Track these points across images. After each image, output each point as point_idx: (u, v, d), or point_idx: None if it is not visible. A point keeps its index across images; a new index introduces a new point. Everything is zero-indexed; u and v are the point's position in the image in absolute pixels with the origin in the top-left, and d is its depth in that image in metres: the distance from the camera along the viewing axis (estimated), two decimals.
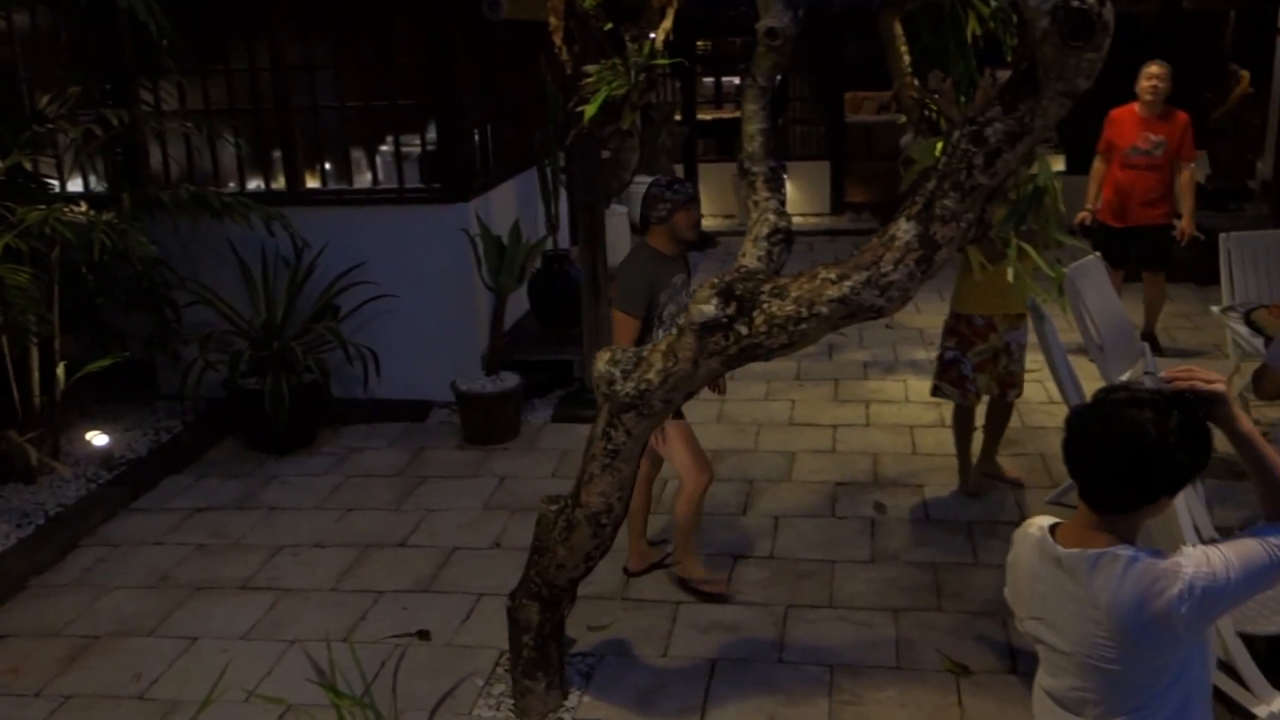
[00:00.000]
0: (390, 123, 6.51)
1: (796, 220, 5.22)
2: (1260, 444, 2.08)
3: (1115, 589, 2.03)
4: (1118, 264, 6.55)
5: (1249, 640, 3.47)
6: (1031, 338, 4.92)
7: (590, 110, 3.10)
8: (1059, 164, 10.74)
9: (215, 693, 3.19)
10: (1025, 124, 2.67)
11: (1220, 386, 2.05)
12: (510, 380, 6.06)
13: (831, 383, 6.77)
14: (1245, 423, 2.08)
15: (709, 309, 2.91)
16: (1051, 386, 5.50)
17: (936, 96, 3.60)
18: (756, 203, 3.10)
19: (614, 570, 4.56)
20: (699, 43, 11.85)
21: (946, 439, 5.78)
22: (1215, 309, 5.51)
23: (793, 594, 4.39)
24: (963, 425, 5.17)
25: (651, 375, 3.08)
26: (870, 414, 6.23)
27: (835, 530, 4.92)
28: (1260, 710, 3.23)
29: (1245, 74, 9.84)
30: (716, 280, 2.97)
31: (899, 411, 6.27)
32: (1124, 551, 2.05)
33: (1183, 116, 6.58)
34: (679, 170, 10.86)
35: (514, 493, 5.38)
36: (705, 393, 3.84)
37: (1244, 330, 5.08)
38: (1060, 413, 5.63)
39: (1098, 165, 6.81)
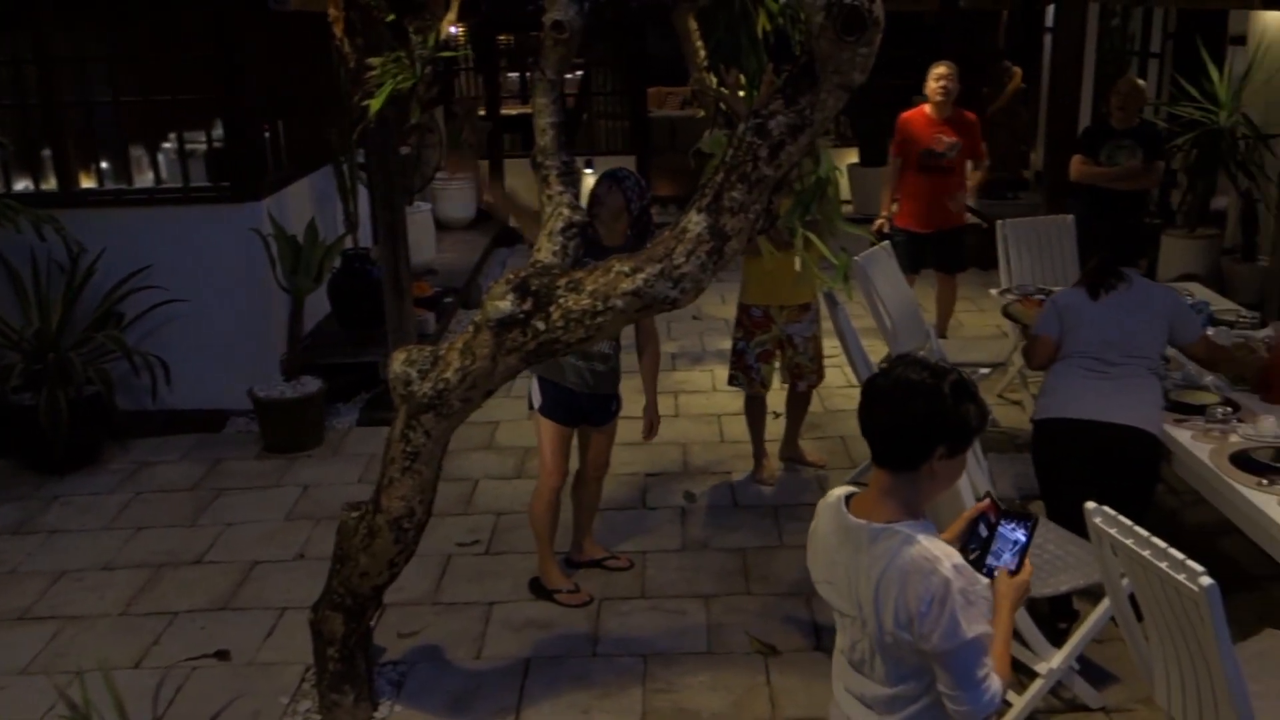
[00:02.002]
0: (173, 118, 6.17)
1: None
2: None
3: (886, 564, 2.08)
4: (915, 268, 6.58)
5: (1031, 602, 3.69)
6: (829, 325, 5.09)
7: (376, 104, 3.01)
8: (853, 157, 11.18)
9: None
10: (806, 116, 2.74)
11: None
12: (311, 385, 5.85)
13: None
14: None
15: (505, 305, 2.87)
16: (850, 371, 5.70)
17: (724, 91, 3.65)
18: (550, 197, 3.08)
19: (424, 575, 4.47)
20: (500, 37, 11.76)
21: None
22: (994, 292, 5.83)
23: (606, 586, 4.41)
24: (753, 413, 5.32)
25: (449, 374, 3.02)
26: (679, 404, 6.32)
27: (647, 521, 4.97)
28: (1041, 667, 3.43)
29: (1018, 70, 10.47)
30: (512, 276, 2.93)
31: (707, 401, 6.39)
32: (905, 529, 2.11)
33: (972, 117, 6.68)
34: (484, 166, 10.75)
35: (318, 501, 5.20)
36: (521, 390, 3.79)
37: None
38: (856, 396, 5.86)
39: (890, 170, 6.76)
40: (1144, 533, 2.68)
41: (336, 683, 3.51)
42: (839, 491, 2.31)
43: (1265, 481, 3.35)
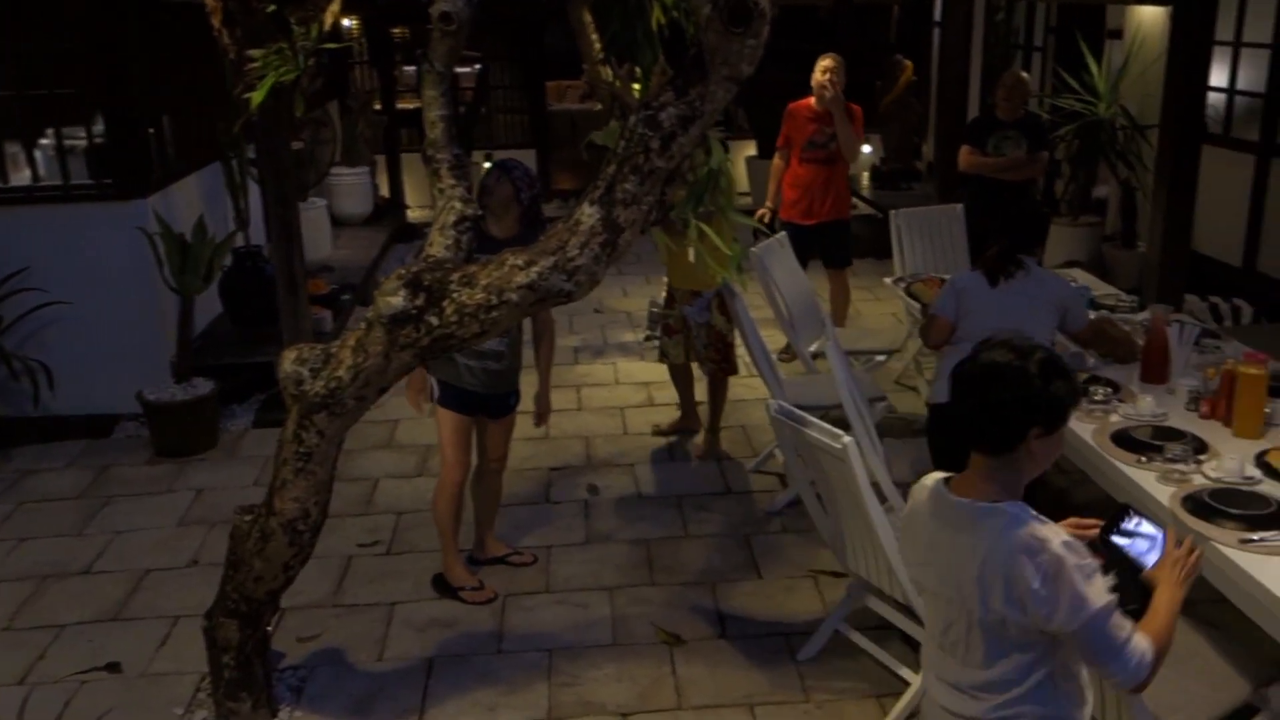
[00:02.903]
0: (51, 113, 5.93)
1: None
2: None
3: (993, 543, 2.08)
4: (802, 260, 6.40)
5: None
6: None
7: (257, 97, 2.93)
8: (751, 149, 11.29)
9: None
10: (696, 108, 2.75)
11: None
12: (203, 387, 5.69)
13: None
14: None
15: (396, 301, 2.83)
16: (748, 361, 5.76)
17: (617, 84, 3.66)
18: (442, 190, 3.05)
19: (323, 578, 4.39)
20: (395, 30, 11.58)
21: (656, 417, 5.96)
22: (888, 280, 5.95)
23: (510, 582, 4.38)
24: (675, 379, 5.69)
25: (342, 373, 2.97)
26: (582, 398, 6.32)
27: (550, 515, 4.95)
28: None
29: (909, 64, 10.70)
30: (404, 271, 2.89)
31: (609, 394, 6.39)
32: (1010, 509, 2.10)
33: (856, 109, 6.62)
34: (379, 161, 10.58)
35: (213, 505, 5.07)
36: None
37: (911, 299, 5.50)
38: (758, 386, 5.95)
39: (777, 161, 6.77)
40: None
41: (233, 690, 3.42)
42: (937, 475, 2.29)
43: (1144, 458, 3.48)
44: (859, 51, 6.65)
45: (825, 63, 6.46)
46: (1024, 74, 7.02)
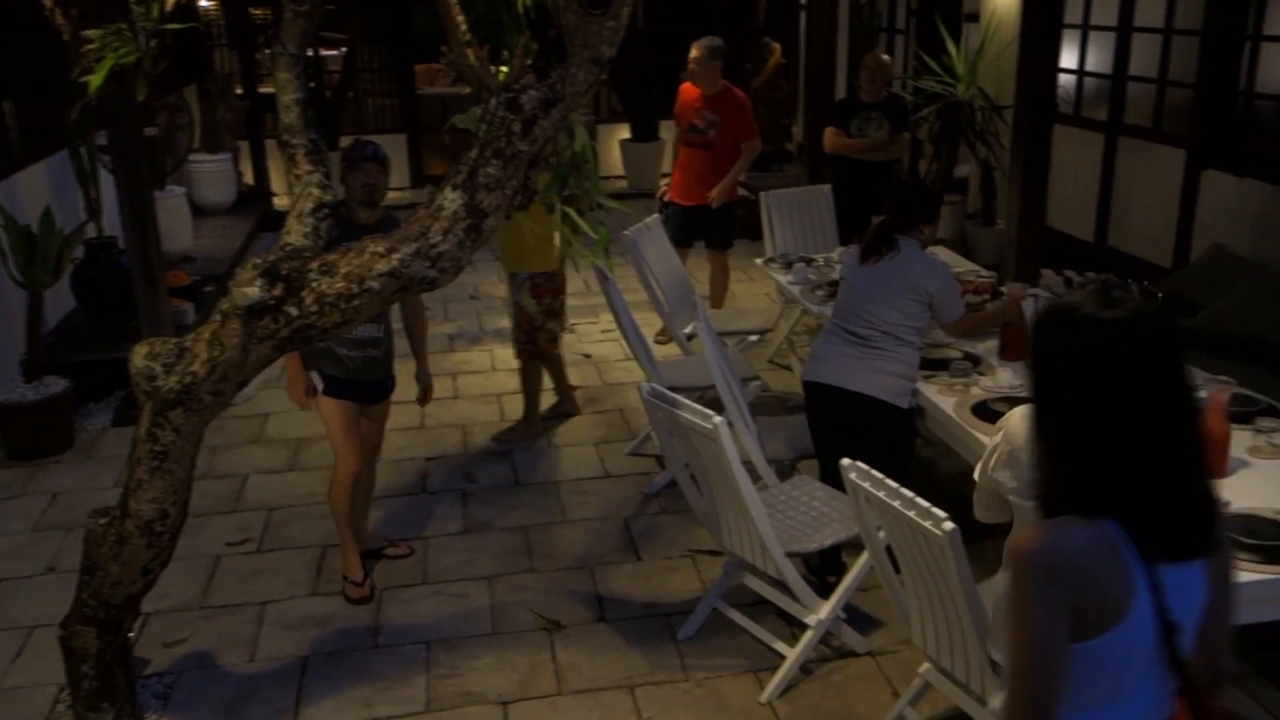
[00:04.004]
0: None
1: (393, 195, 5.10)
2: None
3: None
4: (686, 242, 6.60)
5: (803, 557, 3.86)
6: (600, 299, 5.14)
7: (95, 81, 2.79)
8: (625, 133, 11.30)
9: None
10: (558, 90, 2.73)
11: None
12: (56, 385, 5.44)
13: None
14: None
15: (253, 291, 2.74)
16: (626, 345, 5.77)
17: (475, 66, 3.60)
18: (299, 177, 2.96)
19: (190, 580, 4.25)
20: (255, 11, 11.21)
21: None
22: (759, 261, 6.02)
23: (387, 576, 4.31)
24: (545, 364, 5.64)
25: (197, 367, 2.86)
26: (458, 386, 6.24)
27: (427, 506, 4.88)
28: (810, 619, 3.59)
29: (778, 46, 10.83)
30: (260, 261, 2.80)
31: (486, 381, 6.33)
32: None
33: (740, 95, 6.62)
34: (243, 147, 10.25)
35: (70, 509, 4.85)
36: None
37: (782, 279, 5.58)
38: (634, 369, 5.97)
39: (675, 140, 6.77)
40: (894, 485, 2.83)
41: (93, 700, 3.29)
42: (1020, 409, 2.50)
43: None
44: (728, 35, 6.67)
45: (693, 48, 6.46)
46: (886, 56, 7.18)
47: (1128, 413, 1.57)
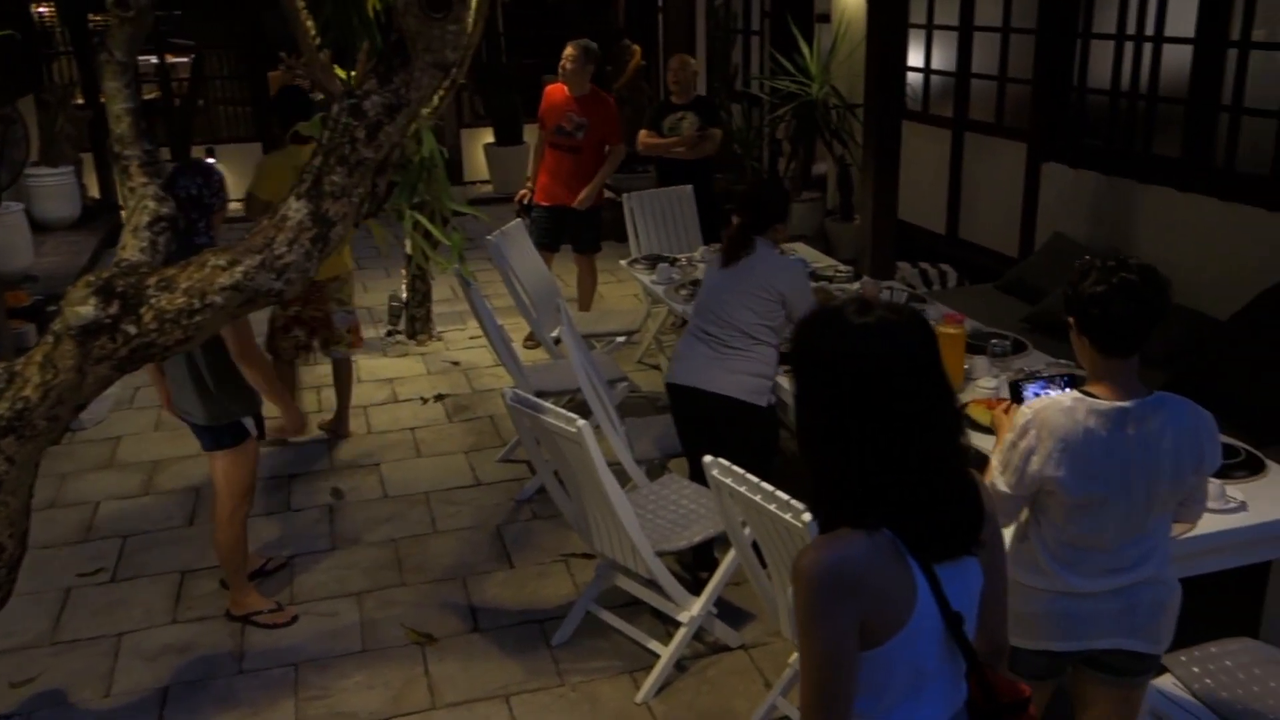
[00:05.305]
0: None
1: (234, 207, 4.92)
2: None
3: (1180, 423, 2.32)
4: (552, 245, 6.55)
5: (676, 555, 3.88)
6: (464, 306, 5.08)
7: None
8: (488, 136, 11.21)
9: None
10: (401, 96, 2.68)
11: None
12: None
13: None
14: None
15: (86, 310, 2.62)
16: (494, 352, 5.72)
17: (318, 72, 3.52)
18: (134, 190, 2.84)
19: (38, 615, 4.04)
20: (95, 18, 10.73)
21: (400, 416, 5.85)
22: (624, 262, 6.05)
23: None
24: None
25: (29, 392, 2.72)
26: (323, 399, 6.09)
27: (293, 524, 4.75)
28: (683, 616, 3.61)
29: (638, 48, 10.89)
30: (93, 278, 2.67)
31: (353, 393, 6.18)
32: (1171, 395, 2.35)
33: (607, 98, 6.65)
34: (86, 159, 9.81)
35: None
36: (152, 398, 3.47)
37: (647, 279, 5.61)
38: (503, 375, 5.91)
39: (538, 141, 6.73)
40: (754, 480, 2.87)
41: None
42: (1064, 397, 2.37)
43: None
44: (589, 37, 6.67)
45: (566, 53, 6.44)
46: (690, 58, 7.35)
47: (879, 418, 1.60)
